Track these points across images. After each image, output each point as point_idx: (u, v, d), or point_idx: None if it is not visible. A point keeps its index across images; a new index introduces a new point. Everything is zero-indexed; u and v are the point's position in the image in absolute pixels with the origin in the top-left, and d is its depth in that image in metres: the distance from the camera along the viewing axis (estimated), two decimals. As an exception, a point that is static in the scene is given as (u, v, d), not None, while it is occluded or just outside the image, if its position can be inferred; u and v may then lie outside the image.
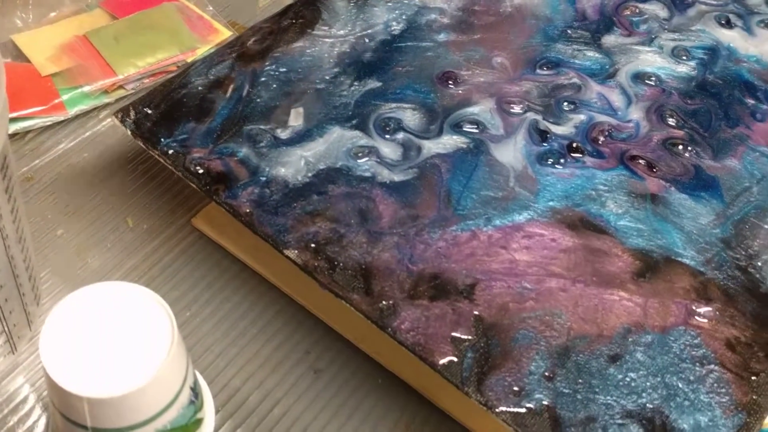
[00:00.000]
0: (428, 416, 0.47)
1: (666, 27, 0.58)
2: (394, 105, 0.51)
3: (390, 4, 0.57)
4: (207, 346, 0.48)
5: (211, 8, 0.66)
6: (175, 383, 0.33)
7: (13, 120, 0.57)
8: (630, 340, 0.42)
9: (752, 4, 0.60)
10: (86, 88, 0.58)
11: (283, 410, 0.46)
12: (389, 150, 0.48)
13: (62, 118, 0.58)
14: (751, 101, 0.54)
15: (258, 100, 0.50)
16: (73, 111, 0.58)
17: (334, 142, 0.48)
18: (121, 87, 0.60)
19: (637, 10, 0.58)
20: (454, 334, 0.41)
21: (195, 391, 0.35)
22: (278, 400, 0.47)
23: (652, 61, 0.55)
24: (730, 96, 0.54)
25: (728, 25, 0.59)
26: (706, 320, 0.43)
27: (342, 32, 0.54)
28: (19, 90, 0.58)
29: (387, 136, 0.49)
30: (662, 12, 0.59)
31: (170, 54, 0.61)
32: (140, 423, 0.32)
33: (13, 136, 0.57)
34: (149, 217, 0.53)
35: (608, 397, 0.40)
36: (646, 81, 0.54)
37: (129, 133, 0.47)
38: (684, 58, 0.56)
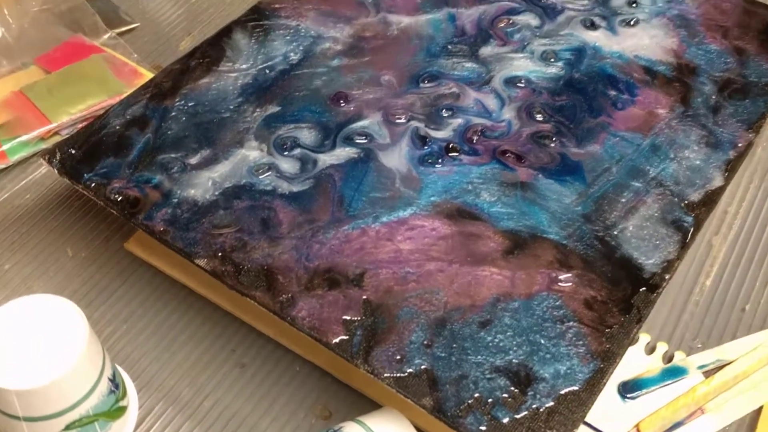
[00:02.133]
0: (345, 396, 0.52)
1: (538, 34, 0.65)
2: (292, 126, 0.57)
3: (288, 37, 0.63)
4: (142, 353, 0.54)
5: (135, 55, 0.72)
6: (92, 374, 0.39)
7: (-40, 172, 0.63)
8: (499, 307, 0.48)
9: (615, 6, 0.67)
10: (24, 138, 0.65)
11: (212, 402, 0.52)
12: (288, 165, 0.55)
13: (4, 166, 0.64)
14: (612, 92, 0.61)
15: (169, 132, 0.56)
16: (14, 158, 0.64)
17: (238, 163, 0.55)
18: (56, 134, 0.66)
19: (511, 22, 0.65)
20: (344, 317, 0.47)
21: (115, 382, 0.41)
22: (208, 393, 0.53)
23: (523, 66, 0.62)
24: (594, 90, 0.61)
25: (593, 26, 0.66)
26: (567, 285, 0.49)
27: (245, 66, 0.61)
28: (-36, 145, 0.64)
29: (285, 153, 0.55)
30: (534, 21, 0.66)
31: (99, 100, 0.67)
32: (65, 409, 0.38)
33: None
34: (86, 246, 0.60)
35: (479, 357, 0.46)
36: (517, 84, 0.61)
37: (56, 171, 0.54)
38: (552, 60, 0.63)
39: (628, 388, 0.53)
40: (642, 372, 0.54)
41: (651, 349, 0.56)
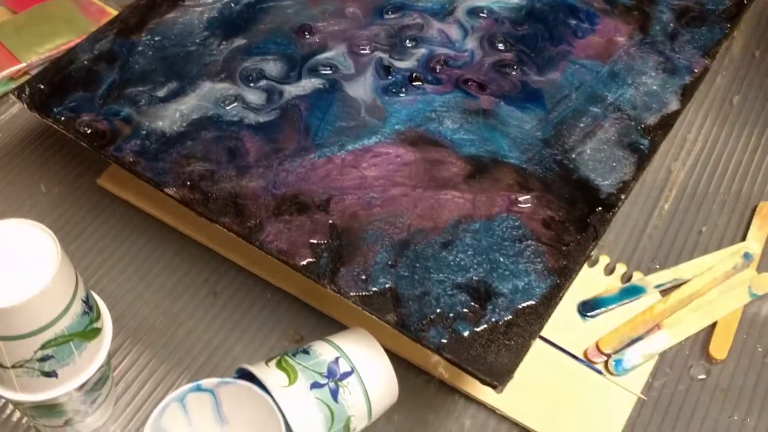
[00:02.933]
0: (315, 321, 0.54)
1: (500, -35, 0.66)
2: (258, 58, 0.58)
3: (253, -30, 0.64)
4: (117, 284, 0.56)
5: (101, -9, 0.72)
6: (65, 295, 0.40)
7: (-68, 112, 0.63)
8: (460, 228, 0.50)
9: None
10: (-6, 77, 0.65)
11: (186, 329, 0.54)
12: (254, 96, 0.56)
13: (-24, 105, 0.65)
14: (573, 22, 0.62)
15: (137, 66, 0.57)
16: (-16, 98, 0.65)
17: (205, 95, 0.56)
18: (26, 73, 0.66)
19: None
20: (311, 240, 0.49)
21: (88, 304, 0.43)
22: (182, 321, 0.54)
23: (486, -4, 0.63)
24: (555, 19, 0.62)
25: (556, -43, 0.66)
26: (526, 206, 0.51)
27: (210, 0, 0.62)
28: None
29: (251, 85, 0.56)
30: (497, -48, 0.67)
31: (68, 39, 0.68)
32: (40, 328, 0.40)
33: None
34: (60, 182, 0.61)
35: (441, 275, 0.48)
36: (480, 14, 0.62)
37: (25, 106, 0.54)
38: (514, -9, 0.64)
39: (587, 307, 0.55)
40: (601, 291, 0.56)
41: (610, 270, 0.58)
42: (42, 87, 0.55)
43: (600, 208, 0.51)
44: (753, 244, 0.59)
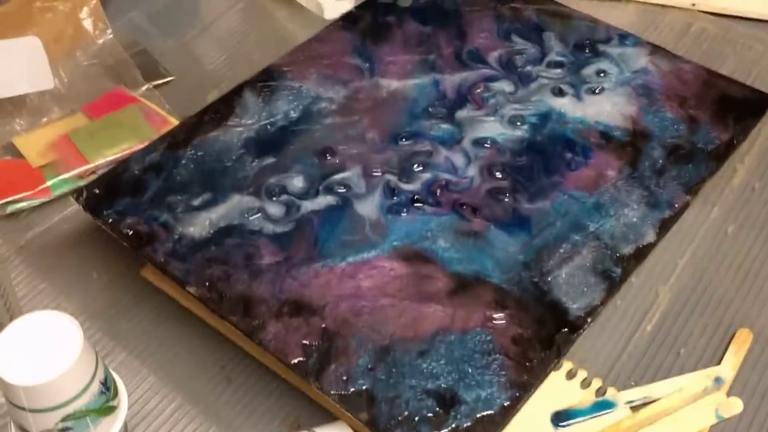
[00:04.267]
0: (313, 410, 0.61)
1: (510, 99, 0.73)
2: (283, 175, 0.67)
3: (290, 96, 0.73)
4: (143, 363, 0.64)
5: (167, 106, 0.83)
6: (84, 376, 0.48)
7: (11, 203, 0.74)
8: (437, 339, 0.56)
9: (585, 75, 0.75)
10: (65, 176, 0.76)
11: (200, 409, 0.61)
12: (275, 209, 0.64)
13: (47, 200, 0.75)
14: (569, 155, 0.68)
15: (179, 177, 0.66)
16: (55, 193, 0.75)
17: (234, 206, 0.64)
18: (93, 173, 0.77)
19: (487, 88, 0.74)
20: (304, 341, 0.56)
21: (106, 385, 0.51)
22: (197, 401, 0.62)
23: (492, 128, 0.70)
24: (552, 152, 0.69)
25: (561, 94, 0.74)
26: (500, 323, 0.57)
27: (250, 121, 0.71)
28: (15, 180, 0.75)
29: (273, 199, 0.65)
30: (509, 87, 0.74)
31: (132, 144, 0.78)
32: (61, 404, 0.48)
33: (11, 215, 0.75)
34: (109, 271, 0.70)
35: (413, 381, 0.54)
36: (484, 145, 0.69)
37: (81, 207, 0.64)
38: (519, 123, 0.71)
39: (560, 417, 0.60)
40: (574, 403, 0.61)
41: (587, 384, 0.63)
42: (97, 192, 0.65)
43: (566, 329, 0.57)
44: (726, 369, 0.63)
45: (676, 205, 0.65)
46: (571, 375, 0.63)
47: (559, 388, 0.61)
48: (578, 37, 0.79)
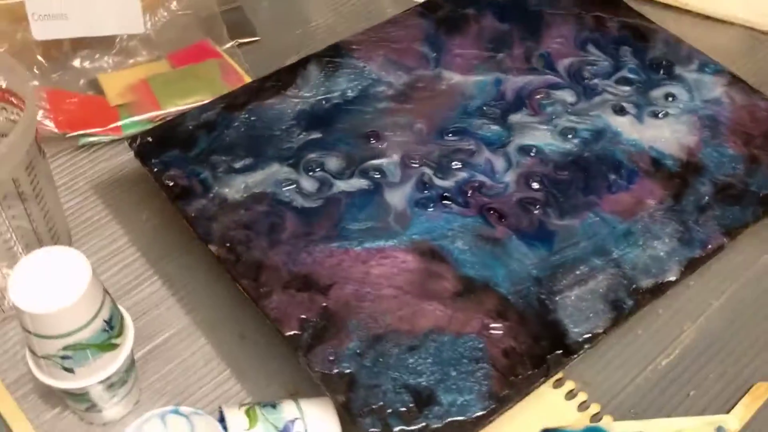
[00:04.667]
0: (312, 381, 0.63)
1: (569, 110, 0.72)
2: (325, 152, 0.68)
3: (352, 75, 0.75)
4: (164, 308, 0.67)
5: (246, 65, 0.86)
6: (87, 313, 0.52)
7: (83, 136, 0.79)
8: (430, 337, 0.57)
9: (653, 97, 0.73)
10: (137, 118, 0.80)
11: (206, 360, 0.65)
12: (308, 184, 0.66)
13: (118, 138, 0.80)
14: (613, 176, 0.67)
15: (227, 138, 0.69)
16: (125, 133, 0.80)
17: (271, 174, 0.67)
18: (163, 119, 0.81)
19: (548, 95, 0.73)
20: (302, 316, 0.58)
21: (110, 324, 0.54)
22: (206, 352, 0.65)
23: (542, 137, 0.70)
24: (597, 170, 0.68)
25: (622, 112, 0.72)
26: (496, 333, 0.58)
27: (308, 94, 0.73)
28: (91, 115, 0.80)
29: (310, 173, 0.67)
30: (570, 98, 0.73)
31: (203, 97, 0.81)
32: (62, 335, 0.52)
33: (82, 148, 0.80)
34: (158, 215, 0.73)
35: (396, 374, 0.55)
36: (530, 153, 0.69)
37: (133, 153, 0.68)
38: (570, 136, 0.70)
39: (548, 435, 0.61)
40: (567, 424, 0.61)
41: (584, 407, 0.62)
42: (150, 140, 0.69)
43: (560, 351, 0.57)
44: (733, 419, 0.62)
45: (710, 246, 0.63)
46: (571, 395, 0.62)
47: (555, 407, 0.61)
48: (656, 57, 0.76)
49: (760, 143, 0.70)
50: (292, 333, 0.57)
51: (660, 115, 0.72)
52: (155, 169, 0.67)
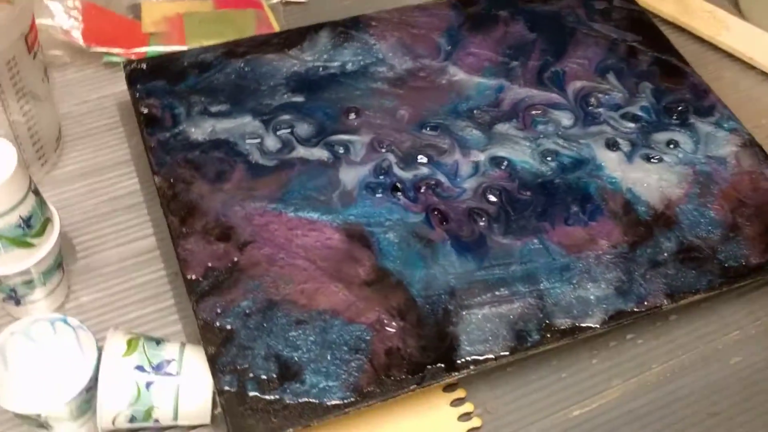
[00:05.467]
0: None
1: (559, 133, 0.69)
2: (300, 115, 0.69)
3: (359, 50, 0.74)
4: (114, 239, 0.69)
5: (284, 22, 0.87)
6: (4, 203, 0.54)
7: (108, 54, 0.82)
8: (321, 317, 0.57)
9: (654, 140, 0.69)
10: (161, 48, 0.82)
11: (132, 287, 0.67)
12: (271, 142, 0.67)
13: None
14: (575, 209, 0.64)
15: (215, 82, 0.70)
16: (147, 60, 0.82)
17: (240, 125, 0.67)
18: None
19: (544, 112, 0.70)
20: (210, 264, 0.59)
21: (27, 222, 0.57)
22: (136, 279, 0.67)
23: (520, 153, 0.67)
24: (561, 200, 0.65)
25: (613, 147, 0.68)
26: (389, 330, 0.56)
27: (309, 58, 0.73)
28: (122, 36, 0.83)
29: (277, 133, 0.67)
30: (567, 121, 0.70)
31: (228, 42, 0.83)
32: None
33: (108, 65, 0.83)
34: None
35: (272, 341, 0.55)
36: (501, 165, 0.66)
37: (124, 76, 0.70)
38: (549, 159, 0.67)
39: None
40: (442, 430, 0.59)
41: (466, 418, 0.59)
42: (143, 67, 0.71)
43: (443, 365, 0.55)
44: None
45: (646, 303, 0.59)
46: (466, 417, 0.60)
47: (438, 410, 0.59)
48: (674, 100, 0.72)
49: (749, 214, 0.65)
50: (192, 277, 0.58)
51: (653, 159, 0.68)
52: (137, 95, 0.69)
